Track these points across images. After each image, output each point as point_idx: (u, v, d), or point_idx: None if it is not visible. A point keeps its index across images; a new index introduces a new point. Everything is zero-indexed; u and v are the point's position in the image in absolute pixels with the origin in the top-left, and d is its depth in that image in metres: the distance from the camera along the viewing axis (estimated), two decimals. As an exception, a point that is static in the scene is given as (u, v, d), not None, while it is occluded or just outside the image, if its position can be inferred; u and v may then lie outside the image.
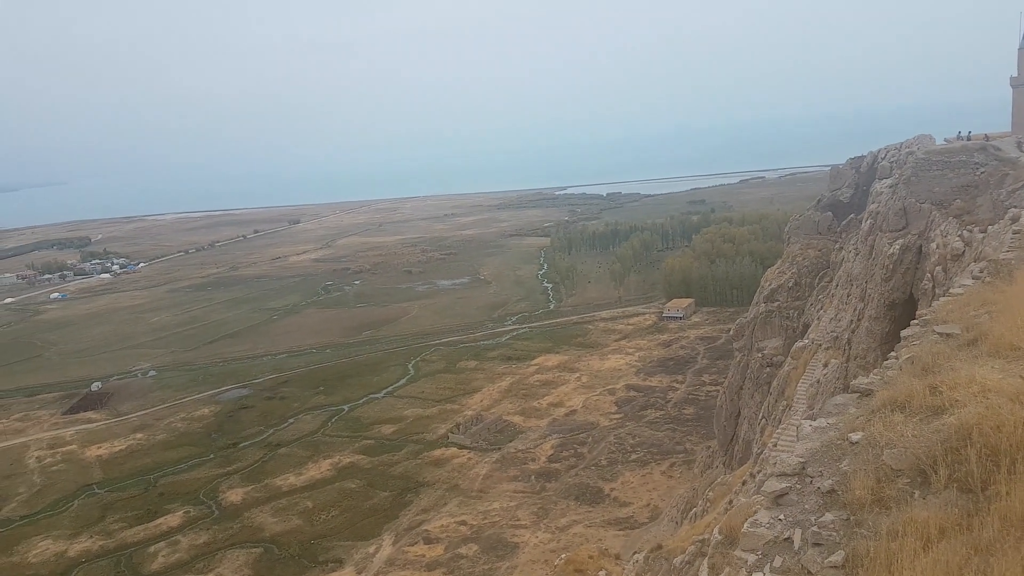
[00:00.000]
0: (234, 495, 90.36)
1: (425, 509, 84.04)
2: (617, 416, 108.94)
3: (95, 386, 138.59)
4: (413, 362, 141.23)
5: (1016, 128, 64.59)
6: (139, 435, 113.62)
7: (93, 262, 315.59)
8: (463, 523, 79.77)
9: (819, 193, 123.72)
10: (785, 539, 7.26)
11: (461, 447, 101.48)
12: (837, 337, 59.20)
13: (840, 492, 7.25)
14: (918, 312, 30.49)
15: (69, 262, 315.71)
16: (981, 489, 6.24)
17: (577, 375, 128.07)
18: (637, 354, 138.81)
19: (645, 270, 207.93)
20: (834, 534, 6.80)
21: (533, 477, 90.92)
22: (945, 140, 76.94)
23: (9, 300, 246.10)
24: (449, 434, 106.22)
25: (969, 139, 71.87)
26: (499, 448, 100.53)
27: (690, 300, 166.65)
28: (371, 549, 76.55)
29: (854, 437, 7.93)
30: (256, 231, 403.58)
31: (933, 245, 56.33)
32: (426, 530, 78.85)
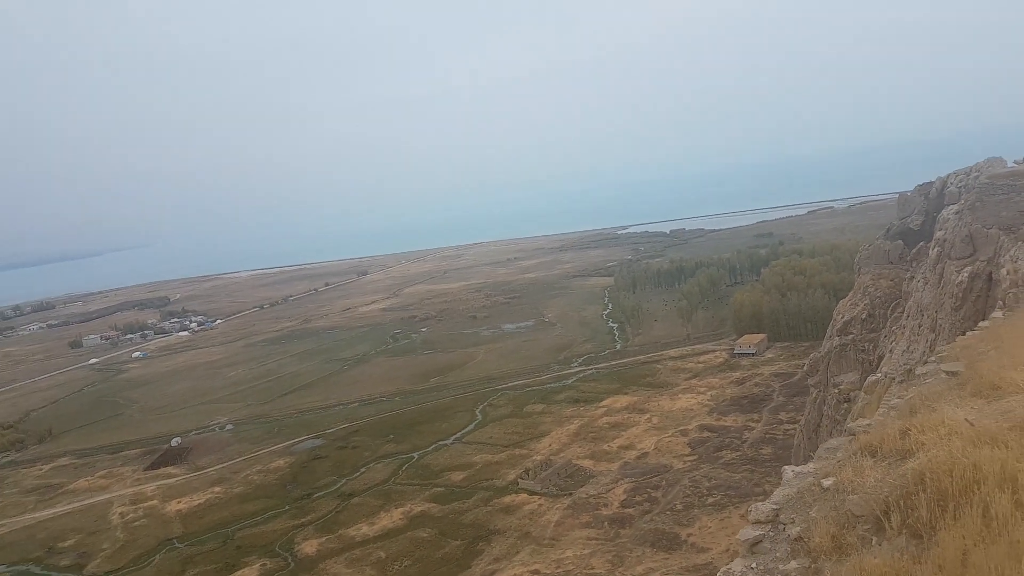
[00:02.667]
0: (309, 546, 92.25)
1: (497, 558, 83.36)
2: (691, 458, 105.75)
3: (175, 441, 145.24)
4: (480, 407, 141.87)
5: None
6: (217, 488, 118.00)
7: (172, 320, 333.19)
8: (536, 572, 78.54)
9: (889, 222, 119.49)
10: (755, 587, 7.49)
11: (531, 493, 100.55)
12: (910, 370, 56.61)
13: (806, 539, 7.49)
14: (937, 348, 29.19)
15: (150, 321, 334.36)
16: (929, 535, 6.42)
17: (647, 416, 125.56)
18: (709, 393, 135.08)
19: (713, 306, 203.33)
20: (797, 581, 7.02)
21: (606, 523, 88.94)
22: (1015, 163, 73.46)
23: (94, 360, 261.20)
24: (519, 480, 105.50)
25: (1039, 160, 68.50)
26: (570, 493, 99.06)
27: (762, 335, 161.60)
28: (445, 600, 76.37)
29: (826, 483, 8.15)
30: (327, 284, 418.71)
31: (1003, 271, 53.57)
32: (498, 580, 78.18)
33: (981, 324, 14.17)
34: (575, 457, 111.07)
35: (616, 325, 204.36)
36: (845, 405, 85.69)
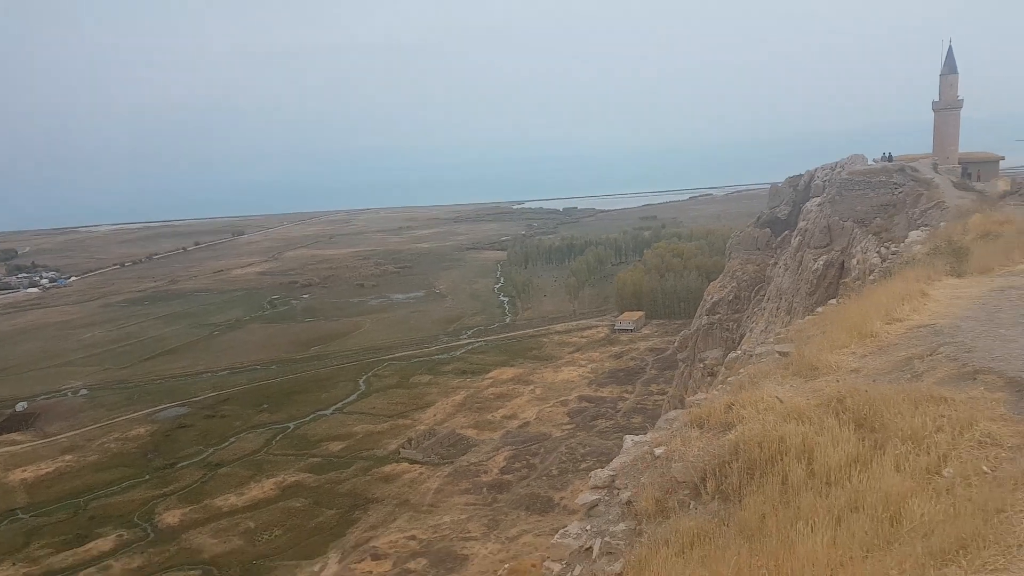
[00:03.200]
0: (171, 517, 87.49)
1: (373, 526, 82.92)
2: (569, 426, 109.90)
3: (20, 406, 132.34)
4: (364, 377, 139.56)
5: (936, 150, 67.49)
6: (68, 457, 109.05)
7: (20, 275, 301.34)
8: (412, 538, 78.97)
9: (760, 210, 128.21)
10: (587, 549, 7.72)
11: (412, 462, 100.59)
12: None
13: (634, 503, 7.74)
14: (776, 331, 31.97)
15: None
16: (737, 500, 6.78)
17: (531, 387, 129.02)
18: (589, 366, 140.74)
19: (599, 284, 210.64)
20: (621, 543, 7.27)
21: (485, 489, 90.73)
22: (873, 161, 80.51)
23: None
24: (400, 449, 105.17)
25: (891, 160, 75.51)
26: (451, 462, 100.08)
27: (641, 313, 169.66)
28: (316, 568, 74.98)
29: (658, 451, 8.45)
30: (197, 243, 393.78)
31: (854, 261, 58.77)
32: (374, 546, 77.77)
33: (818, 309, 15.35)
34: (459, 427, 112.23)
35: (507, 299, 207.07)
36: (709, 379, 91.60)
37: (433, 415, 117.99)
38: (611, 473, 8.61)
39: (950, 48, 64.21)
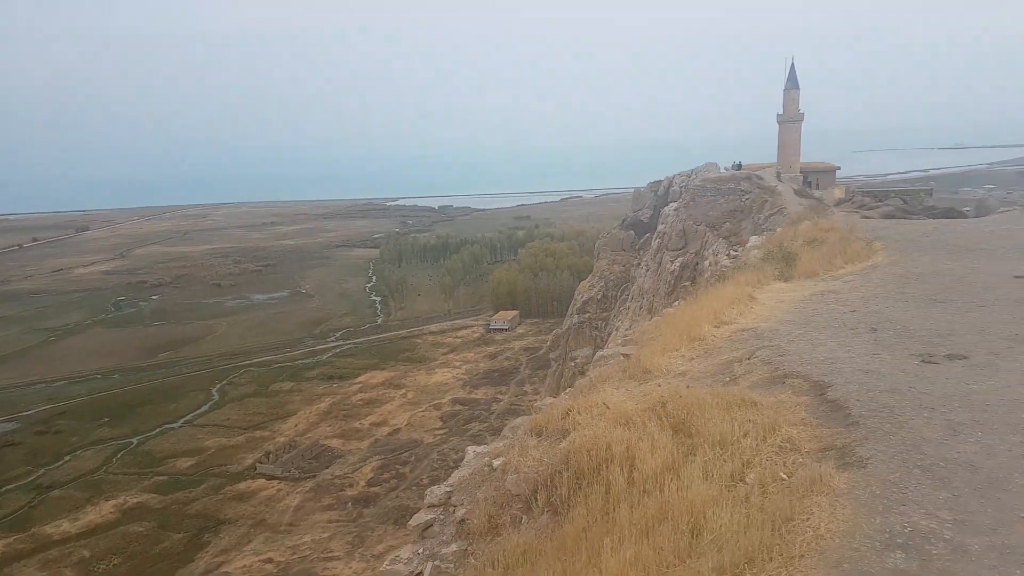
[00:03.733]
0: (-9, 549, 77.43)
1: (225, 549, 77.28)
2: (442, 431, 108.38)
3: None
4: (218, 386, 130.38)
5: (780, 160, 73.36)
6: None
7: None
8: (269, 561, 74.32)
9: (625, 213, 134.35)
10: (418, 574, 7.31)
11: (270, 478, 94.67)
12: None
13: (468, 520, 7.44)
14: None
15: None
16: (565, 512, 6.64)
17: (403, 391, 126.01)
18: (464, 367, 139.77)
19: (474, 283, 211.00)
20: (451, 566, 6.94)
21: (350, 504, 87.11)
22: (725, 169, 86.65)
23: None
24: (257, 464, 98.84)
25: (740, 168, 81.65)
26: (314, 476, 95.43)
27: (515, 312, 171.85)
28: (162, 597, 69.21)
29: (496, 463, 8.21)
30: (35, 239, 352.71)
31: (706, 263, 62.76)
32: (226, 572, 72.49)
33: (663, 311, 15.93)
34: (323, 437, 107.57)
35: (379, 299, 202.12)
36: (579, 378, 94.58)
37: (295, 425, 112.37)
38: (448, 489, 8.26)
39: (792, 65, 70.25)
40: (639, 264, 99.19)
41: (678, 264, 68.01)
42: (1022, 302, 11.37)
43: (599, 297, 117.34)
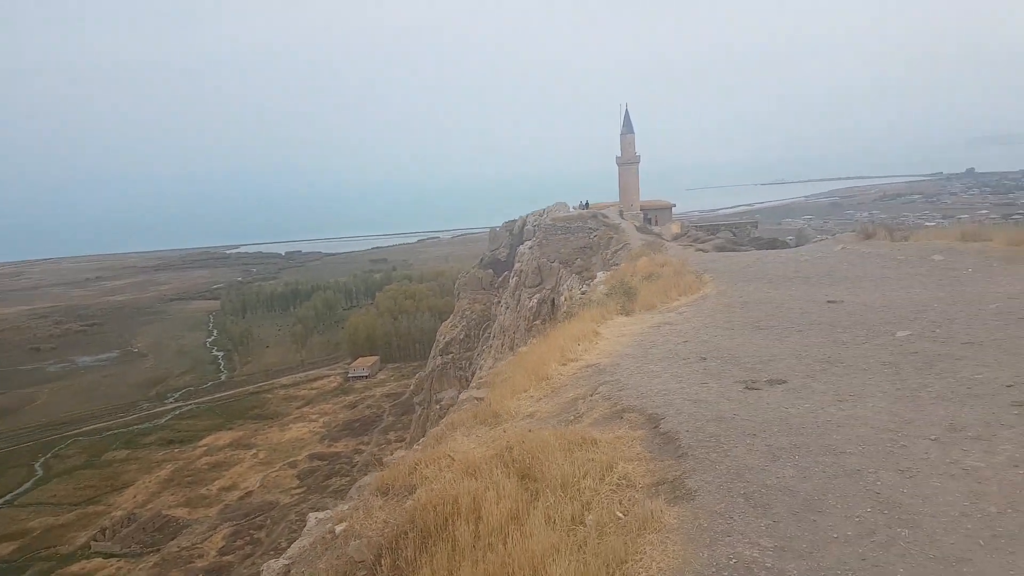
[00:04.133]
0: None
1: (57, 643, 67.54)
2: (299, 490, 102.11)
3: None
4: (42, 460, 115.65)
5: (622, 199, 78.04)
6: None
7: None
8: (106, 650, 65.91)
9: (484, 252, 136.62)
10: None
11: (108, 556, 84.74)
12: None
13: (307, 597, 6.85)
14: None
15: None
16: (411, 575, 6.28)
17: (254, 451, 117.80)
18: (321, 419, 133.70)
19: (329, 330, 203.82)
20: (288, 652, 6.34)
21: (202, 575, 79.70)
22: (573, 208, 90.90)
23: None
24: (92, 542, 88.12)
25: (587, 207, 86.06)
26: (157, 550, 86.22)
27: (375, 357, 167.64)
28: None
29: (339, 528, 7.65)
30: None
31: (562, 298, 64.97)
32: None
33: (519, 349, 16.06)
34: (166, 507, 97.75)
35: (222, 353, 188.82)
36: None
37: (133, 496, 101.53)
38: (286, 562, 7.56)
39: (627, 112, 75.46)
40: (499, 302, 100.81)
41: (535, 300, 69.88)
42: (834, 325, 12.52)
43: (462, 337, 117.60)
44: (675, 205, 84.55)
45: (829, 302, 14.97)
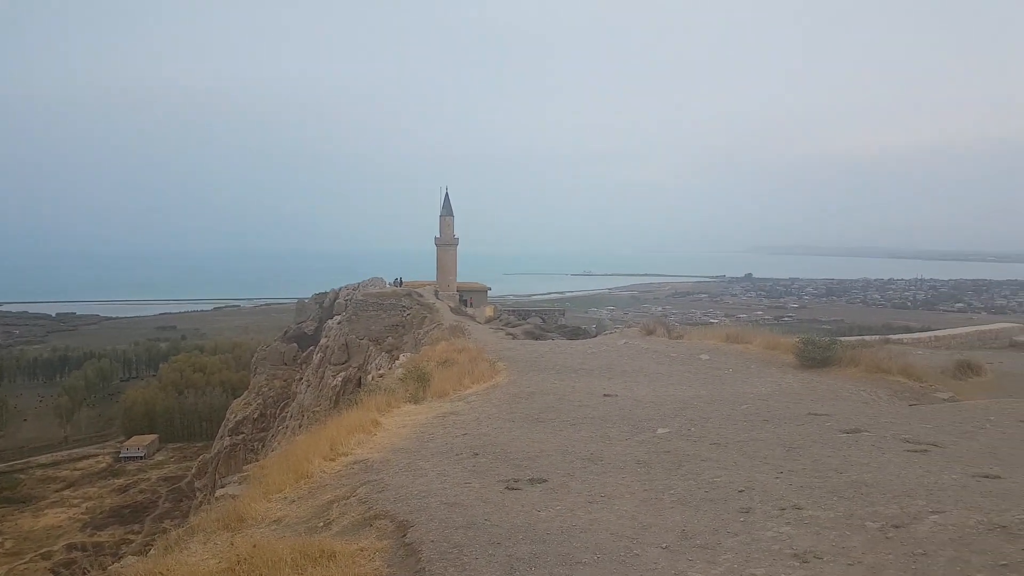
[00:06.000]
0: None
1: None
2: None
3: None
4: None
5: (439, 279, 78.75)
6: None
7: None
8: None
9: (289, 324, 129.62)
10: None
11: None
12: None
13: None
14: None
15: None
16: None
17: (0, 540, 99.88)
18: (84, 505, 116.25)
19: (101, 404, 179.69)
20: None
21: None
22: (390, 284, 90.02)
23: None
24: None
25: (401, 284, 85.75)
26: None
27: (154, 436, 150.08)
28: None
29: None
30: None
31: (369, 377, 63.01)
32: None
33: (296, 438, 14.89)
34: None
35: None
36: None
37: None
38: None
39: (447, 194, 77.35)
40: (301, 379, 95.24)
41: (340, 379, 67.02)
42: (605, 420, 13.00)
43: (256, 416, 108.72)
44: (491, 288, 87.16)
45: (605, 396, 15.79)
